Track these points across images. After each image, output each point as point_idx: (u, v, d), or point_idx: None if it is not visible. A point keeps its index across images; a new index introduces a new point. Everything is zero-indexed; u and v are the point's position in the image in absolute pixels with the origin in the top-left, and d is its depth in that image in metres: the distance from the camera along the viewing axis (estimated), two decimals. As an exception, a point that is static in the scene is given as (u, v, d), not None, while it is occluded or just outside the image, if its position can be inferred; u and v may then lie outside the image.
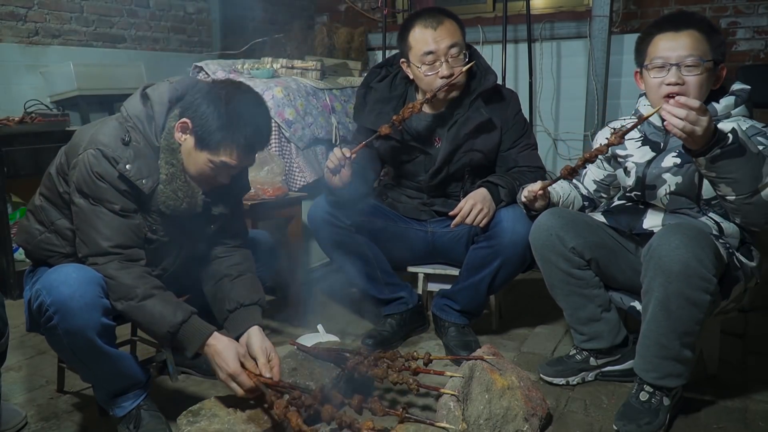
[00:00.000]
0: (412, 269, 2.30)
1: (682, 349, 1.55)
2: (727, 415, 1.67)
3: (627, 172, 1.78)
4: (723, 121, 1.63)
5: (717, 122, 1.49)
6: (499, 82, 2.22)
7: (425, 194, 2.21)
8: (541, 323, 2.37)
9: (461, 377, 1.49)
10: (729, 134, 1.42)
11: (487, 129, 2.09)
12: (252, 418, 1.49)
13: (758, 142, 1.54)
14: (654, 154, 1.73)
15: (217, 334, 1.48)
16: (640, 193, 1.76)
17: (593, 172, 1.97)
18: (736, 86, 1.68)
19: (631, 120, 1.86)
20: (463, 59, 2.01)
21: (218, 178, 1.54)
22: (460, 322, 2.13)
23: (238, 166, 1.52)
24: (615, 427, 1.59)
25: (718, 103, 1.65)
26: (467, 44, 2.07)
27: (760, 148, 1.50)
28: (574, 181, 2.00)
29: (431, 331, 2.29)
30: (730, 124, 1.51)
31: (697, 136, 1.40)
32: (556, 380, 1.86)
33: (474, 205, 1.96)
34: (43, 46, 3.21)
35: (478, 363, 1.55)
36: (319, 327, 2.14)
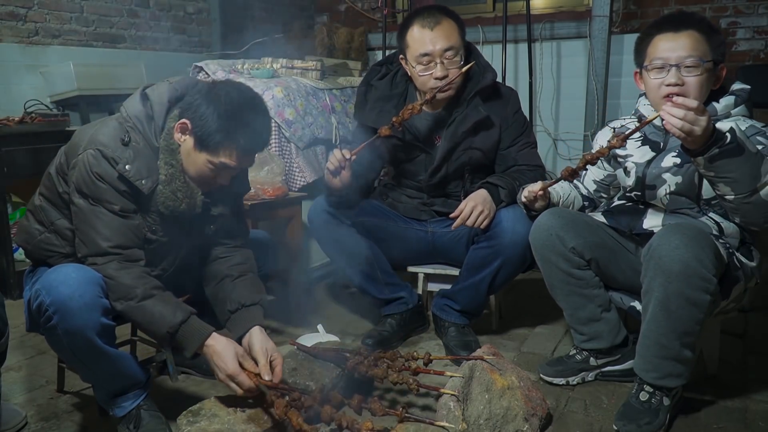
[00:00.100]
0: (412, 269, 2.30)
1: (682, 349, 1.55)
2: (727, 415, 1.67)
3: (627, 172, 1.78)
4: (722, 120, 1.63)
5: (716, 122, 1.49)
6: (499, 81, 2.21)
7: (425, 194, 2.21)
8: (541, 323, 2.36)
9: (461, 377, 1.49)
10: (727, 134, 1.42)
11: (486, 127, 2.09)
12: (252, 418, 1.49)
13: (757, 141, 1.54)
14: (654, 153, 1.73)
15: (216, 334, 1.48)
16: (640, 193, 1.76)
17: (593, 172, 1.97)
18: (736, 86, 1.68)
19: (631, 120, 1.86)
20: (459, 61, 2.01)
21: (218, 179, 1.54)
22: (460, 322, 2.12)
23: (238, 167, 1.52)
24: (615, 427, 1.59)
25: (718, 103, 1.65)
26: (467, 42, 2.07)
27: (759, 147, 1.50)
28: (574, 181, 1.99)
29: (431, 331, 2.28)
30: (728, 123, 1.51)
31: (696, 135, 1.40)
32: (556, 380, 1.86)
33: (474, 206, 1.96)
34: (43, 46, 3.20)
35: (478, 363, 1.55)
36: (319, 327, 2.14)
